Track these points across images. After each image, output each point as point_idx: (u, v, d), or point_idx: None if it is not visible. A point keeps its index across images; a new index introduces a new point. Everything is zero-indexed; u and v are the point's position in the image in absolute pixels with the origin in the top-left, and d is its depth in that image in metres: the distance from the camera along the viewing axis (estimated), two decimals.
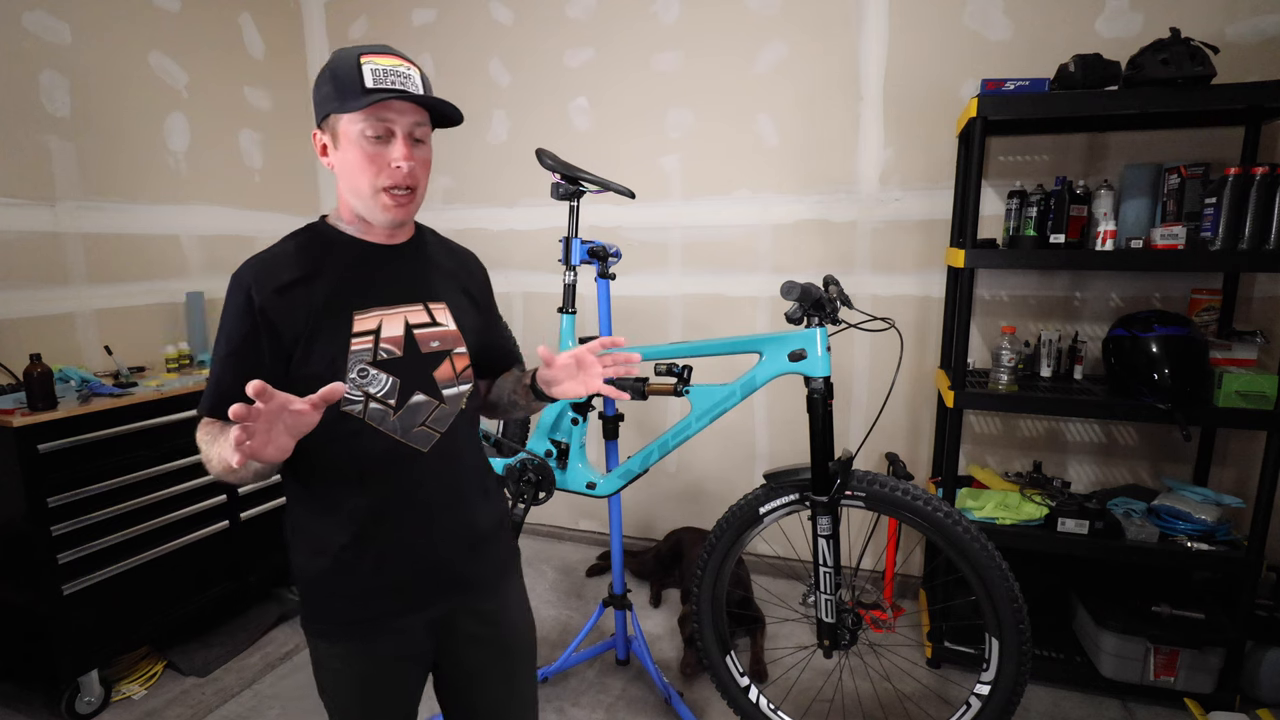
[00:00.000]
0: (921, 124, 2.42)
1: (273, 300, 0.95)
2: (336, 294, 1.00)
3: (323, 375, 0.96)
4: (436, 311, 1.08)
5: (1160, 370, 1.89)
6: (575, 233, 1.94)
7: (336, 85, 0.95)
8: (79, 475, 1.94)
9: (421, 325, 1.05)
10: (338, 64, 0.96)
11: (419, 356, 1.04)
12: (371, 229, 1.05)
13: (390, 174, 0.98)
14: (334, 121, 0.98)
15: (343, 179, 1.01)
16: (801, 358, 1.56)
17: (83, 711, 2.00)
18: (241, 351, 0.96)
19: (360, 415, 1.00)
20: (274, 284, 0.96)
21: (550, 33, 2.84)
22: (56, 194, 2.30)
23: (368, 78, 0.94)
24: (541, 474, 1.91)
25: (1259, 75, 2.01)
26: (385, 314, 1.02)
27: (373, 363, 1.00)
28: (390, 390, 1.01)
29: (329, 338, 0.98)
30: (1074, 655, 2.15)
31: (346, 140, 0.97)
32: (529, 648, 1.25)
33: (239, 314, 0.96)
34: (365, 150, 0.96)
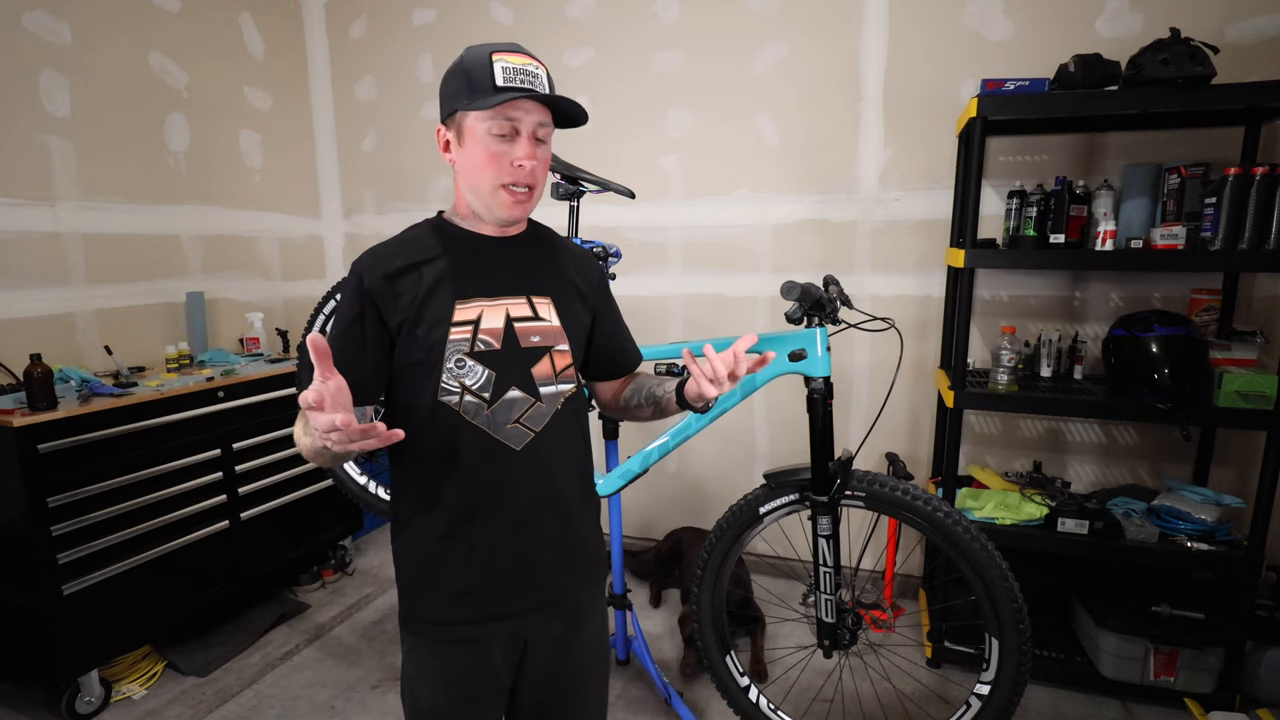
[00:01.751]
0: (921, 124, 2.42)
1: (381, 285, 0.98)
2: (441, 282, 1.00)
3: (422, 363, 0.99)
4: (540, 306, 1.06)
5: (1160, 370, 1.89)
6: (575, 233, 1.94)
7: (469, 82, 0.96)
8: (79, 475, 1.94)
9: (523, 319, 1.04)
10: (470, 61, 0.97)
11: (518, 350, 1.03)
12: (484, 224, 1.06)
13: (513, 172, 0.98)
14: (460, 118, 0.98)
15: (463, 175, 1.02)
16: (802, 358, 1.56)
17: (83, 711, 2.00)
18: (350, 332, 0.99)
19: (456, 407, 0.99)
20: (384, 270, 0.99)
21: (550, 33, 2.84)
22: (56, 194, 2.30)
23: (498, 75, 0.94)
24: None
25: (1259, 75, 2.01)
26: (487, 305, 1.02)
27: (470, 354, 0.99)
28: (485, 383, 1.00)
29: (430, 325, 0.99)
30: (1074, 655, 2.15)
31: (472, 137, 0.98)
32: (604, 671, 1.22)
33: (351, 297, 1.00)
34: (490, 148, 0.97)
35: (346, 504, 2.81)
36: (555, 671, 1.12)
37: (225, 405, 2.33)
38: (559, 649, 1.11)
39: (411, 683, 1.09)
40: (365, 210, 3.33)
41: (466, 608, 1.04)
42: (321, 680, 2.21)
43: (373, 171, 3.27)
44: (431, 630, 1.05)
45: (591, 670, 1.18)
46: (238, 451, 2.38)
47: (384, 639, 2.43)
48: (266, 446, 2.48)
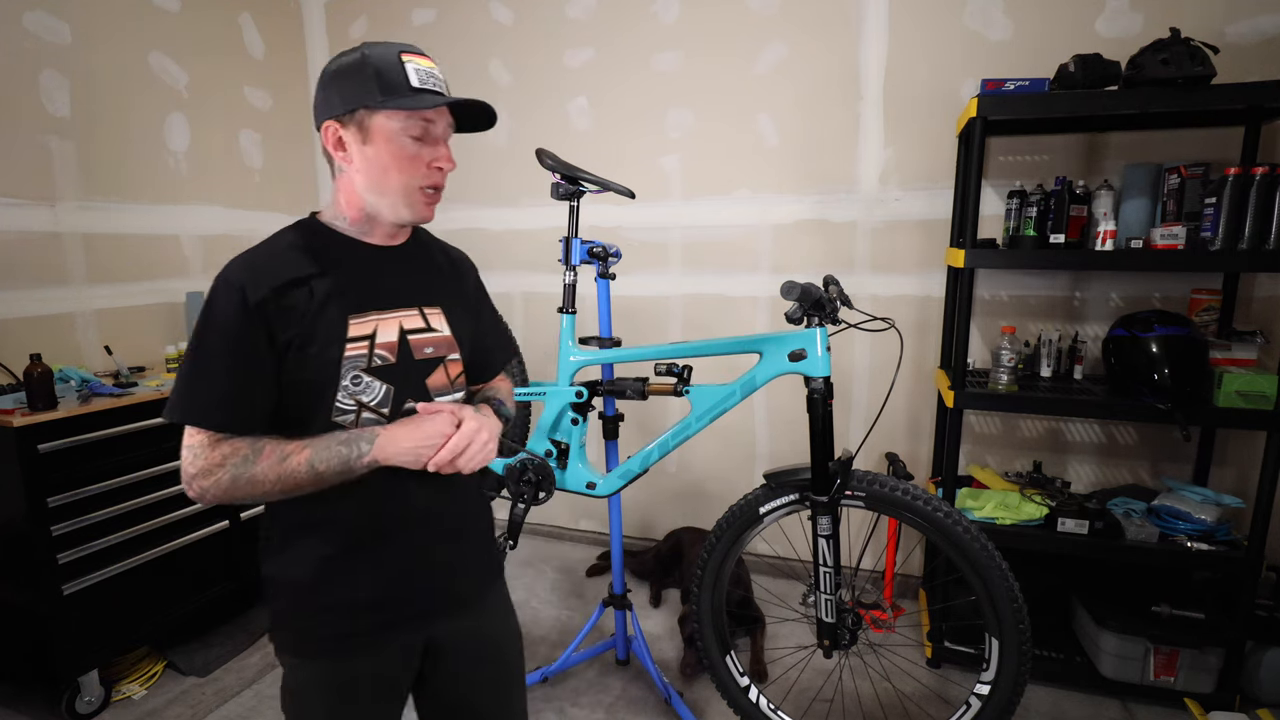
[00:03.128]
0: (921, 124, 2.42)
1: (269, 299, 0.91)
2: (333, 297, 0.95)
3: (316, 381, 0.94)
4: (432, 317, 1.04)
5: (1160, 370, 1.89)
6: (575, 233, 1.94)
7: (380, 81, 0.92)
8: (79, 475, 1.94)
9: (416, 331, 1.02)
10: (378, 59, 0.93)
11: (412, 363, 1.01)
12: (373, 230, 1.01)
13: (430, 175, 0.97)
14: (364, 116, 0.93)
15: (366, 175, 0.96)
16: (801, 358, 1.56)
17: (83, 711, 2.00)
18: (243, 355, 0.91)
19: (353, 425, 0.96)
20: (270, 283, 0.91)
21: (550, 33, 2.84)
22: (56, 194, 2.30)
23: (413, 77, 0.93)
24: (541, 474, 1.91)
25: (1259, 75, 2.01)
26: (381, 319, 0.98)
27: (367, 369, 0.96)
28: (384, 399, 0.98)
29: (324, 342, 0.93)
30: (1074, 655, 2.15)
31: (382, 137, 0.94)
32: (518, 658, 1.22)
33: (235, 316, 0.90)
34: (406, 150, 0.95)
35: None
36: (468, 667, 1.12)
37: None
38: (467, 645, 1.11)
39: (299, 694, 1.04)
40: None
41: (368, 619, 1.01)
42: None
43: None
44: (327, 645, 1.01)
45: (505, 660, 1.18)
46: None
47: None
48: None
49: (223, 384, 0.91)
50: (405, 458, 0.92)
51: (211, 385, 0.91)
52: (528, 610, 2.62)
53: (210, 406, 0.91)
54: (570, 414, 1.91)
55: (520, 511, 1.78)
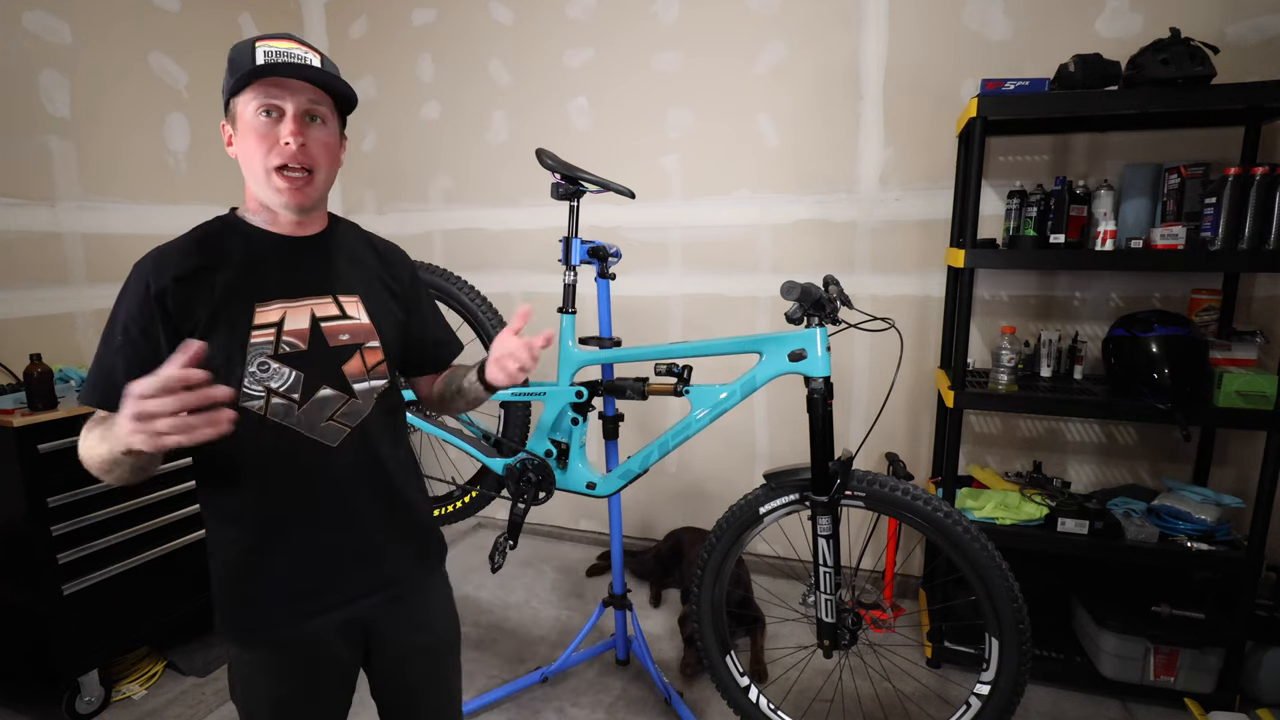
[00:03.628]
0: (921, 124, 2.42)
1: (171, 288, 0.93)
2: (237, 284, 0.97)
3: (219, 368, 0.94)
4: (347, 305, 1.05)
5: (1160, 370, 1.89)
6: (575, 233, 1.94)
7: (232, 69, 0.95)
8: (79, 475, 1.92)
9: (330, 318, 1.03)
10: (235, 51, 0.96)
11: (326, 350, 1.02)
12: (278, 220, 1.03)
13: (280, 151, 0.96)
14: (233, 108, 0.97)
15: (243, 164, 0.99)
16: (801, 358, 1.56)
17: (83, 711, 2.00)
18: (138, 341, 0.93)
19: (261, 411, 0.97)
20: (173, 272, 0.94)
21: (550, 33, 2.84)
22: (56, 194, 2.30)
23: (259, 57, 0.94)
24: (541, 474, 1.91)
25: (1259, 75, 2.01)
26: (290, 306, 1.00)
27: (274, 356, 0.97)
28: (293, 384, 0.99)
29: (227, 330, 0.95)
30: (1074, 655, 2.15)
31: (242, 122, 0.96)
32: (452, 643, 1.24)
33: (136, 302, 0.93)
34: (257, 129, 0.95)
35: None
36: (407, 648, 1.14)
37: None
38: (406, 625, 1.13)
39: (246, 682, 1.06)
40: (365, 210, 3.33)
41: (300, 606, 1.03)
42: None
43: (372, 171, 3.27)
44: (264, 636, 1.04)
45: (442, 639, 1.21)
46: None
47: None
48: None
49: (109, 363, 0.94)
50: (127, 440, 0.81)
51: (101, 368, 0.95)
52: (527, 610, 2.62)
53: (91, 386, 0.95)
54: (570, 414, 1.91)
55: (520, 511, 1.78)
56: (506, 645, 2.39)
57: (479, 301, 2.15)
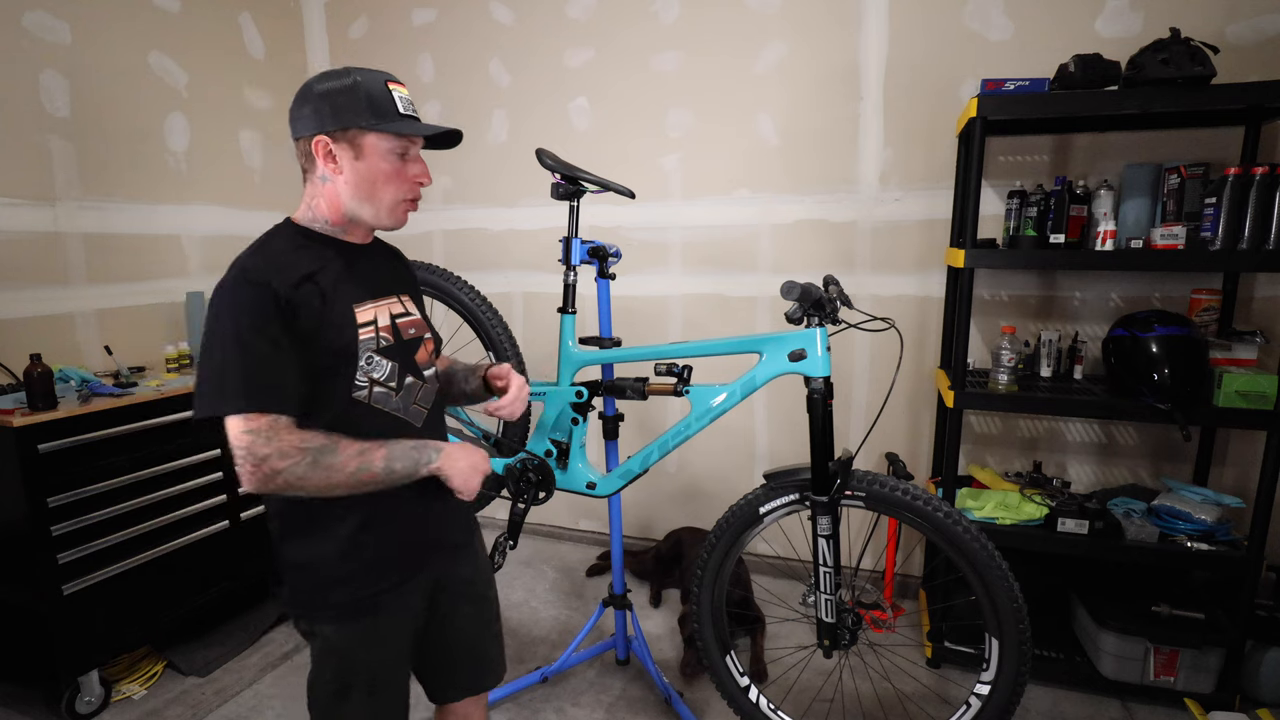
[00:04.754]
0: (921, 124, 2.42)
1: (292, 294, 1.01)
2: (337, 288, 1.07)
3: (336, 365, 1.05)
4: (406, 303, 1.21)
5: (1160, 370, 1.89)
6: (575, 233, 1.94)
7: (371, 105, 1.05)
8: (79, 475, 1.94)
9: (400, 315, 1.17)
10: (369, 85, 1.05)
11: (404, 342, 1.16)
12: (351, 231, 1.14)
13: (413, 188, 1.12)
14: (357, 135, 1.06)
15: (355, 188, 1.08)
16: (801, 358, 1.56)
17: (83, 711, 2.00)
18: (283, 343, 0.99)
19: (366, 400, 1.09)
20: (290, 279, 1.02)
21: (550, 33, 2.84)
22: (56, 194, 2.30)
23: (399, 104, 1.07)
24: (541, 474, 1.91)
25: (1259, 75, 2.01)
26: (376, 306, 1.13)
27: (377, 350, 1.10)
28: (390, 374, 1.12)
29: (339, 330, 1.05)
30: (1074, 655, 2.15)
31: (374, 154, 1.07)
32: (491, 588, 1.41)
33: (268, 308, 0.98)
34: (394, 166, 1.08)
35: None
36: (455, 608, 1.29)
37: None
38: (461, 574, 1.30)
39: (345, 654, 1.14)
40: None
41: (396, 571, 1.16)
42: None
43: None
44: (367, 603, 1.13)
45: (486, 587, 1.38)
46: None
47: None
48: None
49: (290, 372, 1.00)
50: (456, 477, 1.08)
51: (264, 373, 0.98)
52: (527, 610, 2.62)
53: (282, 393, 0.99)
54: (570, 414, 1.91)
55: (520, 511, 1.78)
56: (506, 645, 2.38)
57: (479, 301, 2.15)
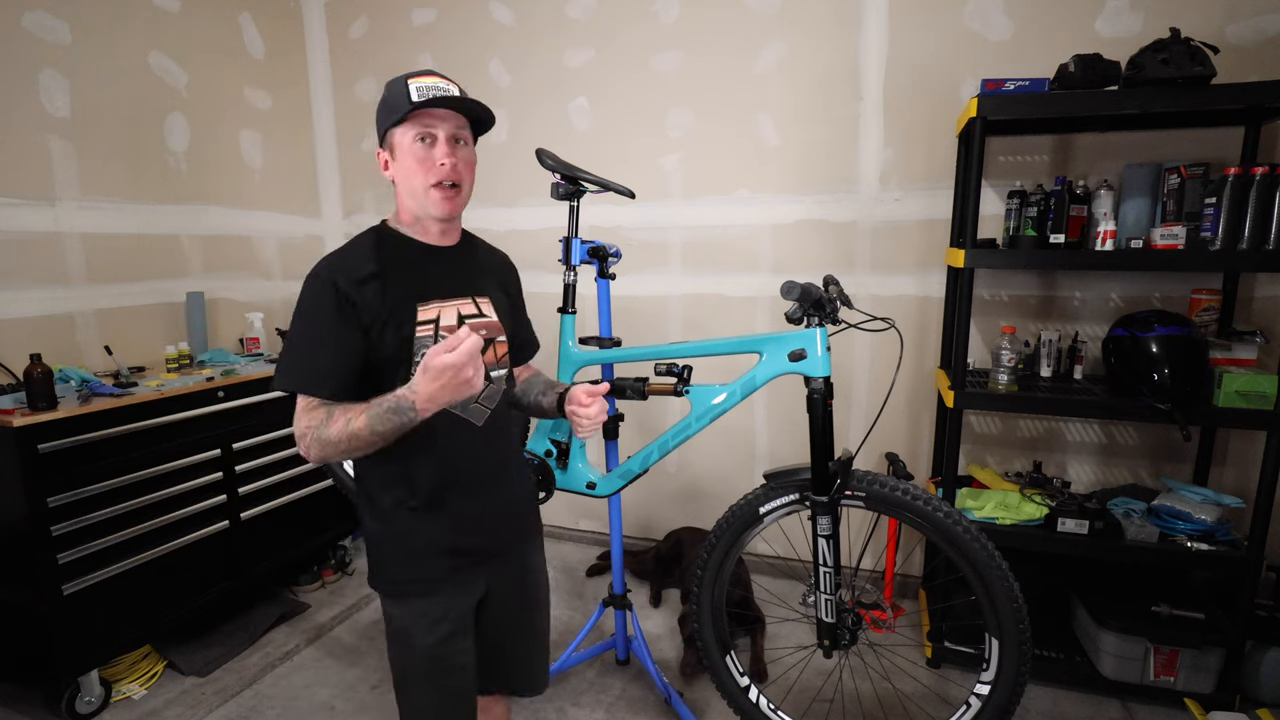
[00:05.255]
0: (921, 124, 2.42)
1: (355, 290, 1.09)
2: (403, 287, 1.14)
3: (393, 358, 1.12)
4: (482, 305, 1.24)
5: (1160, 370, 1.89)
6: (575, 233, 1.94)
7: (390, 106, 1.13)
8: (79, 475, 1.94)
9: (471, 316, 1.21)
10: (389, 89, 1.14)
11: None
12: (428, 231, 1.20)
13: (437, 171, 1.13)
14: (390, 137, 1.15)
15: (401, 184, 1.17)
16: (801, 358, 1.56)
17: (83, 711, 2.00)
18: (339, 336, 1.09)
19: None
20: (355, 276, 1.10)
21: (550, 33, 2.84)
22: (56, 194, 2.30)
23: (413, 94, 1.11)
24: (542, 474, 1.91)
25: (1259, 75, 2.01)
26: (443, 306, 1.18)
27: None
28: None
29: (398, 326, 1.12)
30: (1074, 655, 2.15)
31: (401, 150, 1.14)
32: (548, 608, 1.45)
33: (330, 304, 1.09)
34: (416, 154, 1.13)
35: (346, 504, 2.81)
36: (513, 606, 1.33)
37: (225, 405, 2.33)
38: (512, 588, 1.33)
39: (406, 632, 1.23)
40: (365, 210, 3.33)
41: (452, 561, 1.22)
42: (321, 680, 2.21)
43: (373, 171, 3.27)
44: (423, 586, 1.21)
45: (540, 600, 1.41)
46: (238, 451, 2.38)
47: (384, 639, 2.42)
48: (266, 446, 2.48)
49: (324, 359, 1.10)
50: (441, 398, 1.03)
51: (314, 360, 1.10)
52: None
53: (314, 378, 1.10)
54: None
55: None
56: None
57: None
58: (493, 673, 1.36)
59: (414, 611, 1.22)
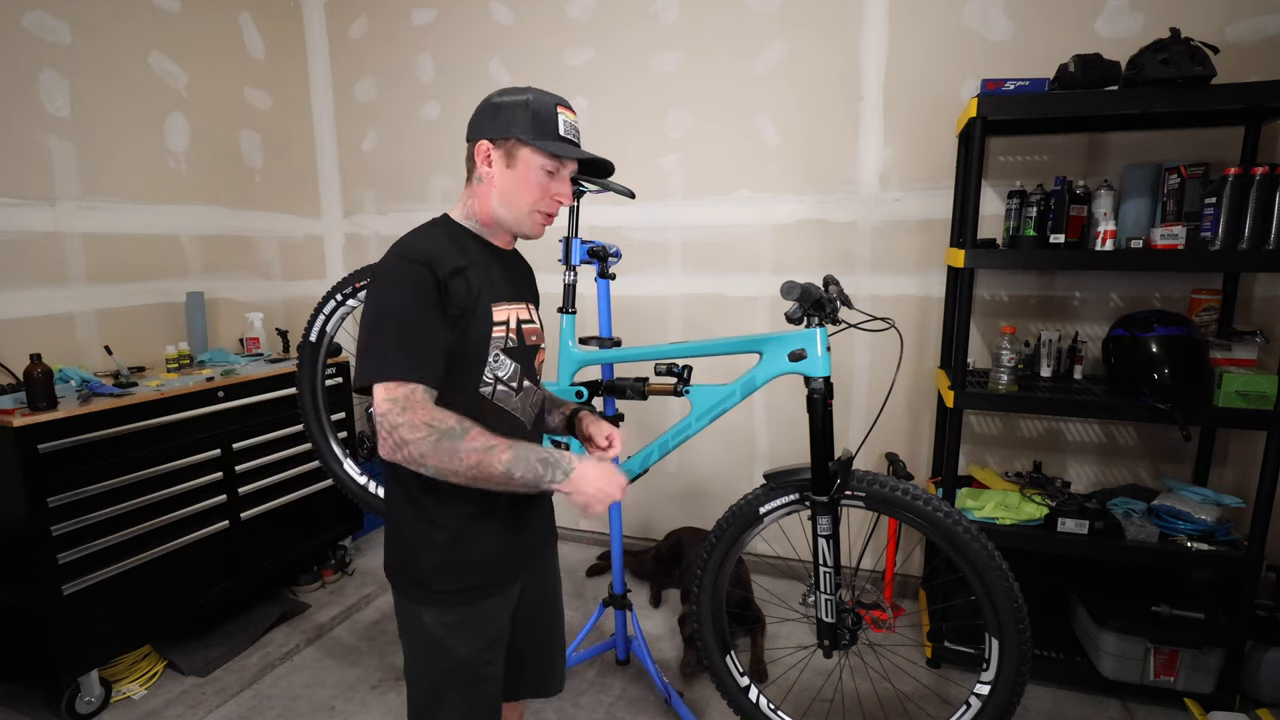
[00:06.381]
0: (921, 124, 2.42)
1: (448, 280, 1.06)
2: (482, 284, 1.12)
3: (471, 356, 1.10)
4: (531, 311, 1.25)
5: (1160, 370, 1.89)
6: (575, 233, 1.94)
7: (535, 122, 1.11)
8: (79, 475, 1.94)
9: (526, 321, 1.21)
10: (539, 105, 1.12)
11: (525, 347, 1.20)
12: (497, 236, 1.20)
13: (551, 204, 1.16)
14: (516, 145, 1.11)
15: (501, 192, 1.13)
16: (801, 358, 1.56)
17: (83, 711, 2.00)
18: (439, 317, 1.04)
19: (491, 396, 1.14)
20: (447, 267, 1.06)
21: (550, 33, 2.84)
22: (56, 194, 2.30)
23: (561, 127, 1.12)
24: None
25: (1259, 75, 2.01)
26: (509, 309, 1.17)
27: (504, 349, 1.15)
28: (513, 374, 1.17)
29: (478, 324, 1.11)
30: (1074, 655, 2.15)
31: (526, 166, 1.12)
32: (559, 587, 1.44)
33: (428, 287, 1.03)
34: (540, 180, 1.13)
35: (346, 504, 2.81)
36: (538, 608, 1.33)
37: (225, 405, 2.33)
38: (538, 593, 1.33)
39: (443, 643, 1.16)
40: (365, 210, 3.33)
41: (499, 568, 1.20)
42: (321, 680, 2.21)
43: (373, 171, 3.27)
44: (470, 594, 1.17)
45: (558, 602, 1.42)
46: (238, 451, 2.38)
47: (384, 639, 2.43)
48: (266, 446, 2.48)
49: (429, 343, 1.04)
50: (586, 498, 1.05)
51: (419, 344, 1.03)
52: None
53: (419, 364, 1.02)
54: None
55: None
56: None
57: None
58: (519, 678, 1.34)
59: (456, 620, 1.16)
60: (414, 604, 1.17)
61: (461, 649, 1.17)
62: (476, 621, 1.18)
